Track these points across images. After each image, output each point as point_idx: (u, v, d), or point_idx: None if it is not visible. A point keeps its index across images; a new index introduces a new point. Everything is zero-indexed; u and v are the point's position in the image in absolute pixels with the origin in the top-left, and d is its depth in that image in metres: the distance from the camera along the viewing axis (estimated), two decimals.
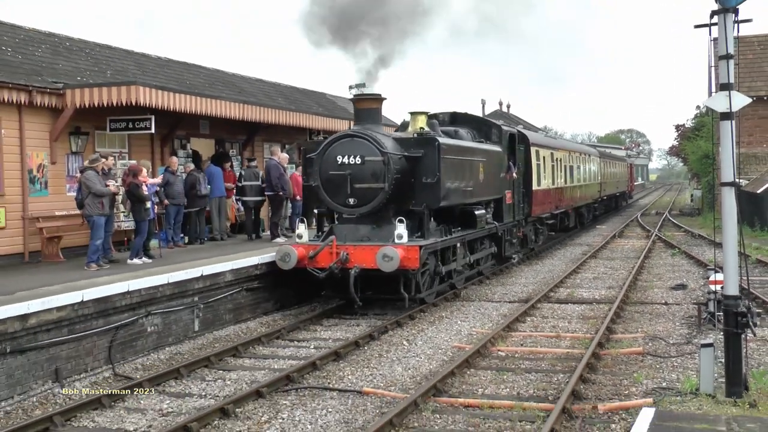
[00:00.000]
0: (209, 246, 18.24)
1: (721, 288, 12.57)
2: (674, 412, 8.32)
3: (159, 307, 12.49)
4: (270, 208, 20.54)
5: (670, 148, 78.83)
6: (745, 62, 31.90)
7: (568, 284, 18.58)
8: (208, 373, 11.05)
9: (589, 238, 31.52)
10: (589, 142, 79.01)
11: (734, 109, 9.01)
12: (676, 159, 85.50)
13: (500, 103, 63.94)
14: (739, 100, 9.09)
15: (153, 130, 17.85)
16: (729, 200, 8.99)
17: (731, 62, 9.08)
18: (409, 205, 15.24)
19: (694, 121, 55.21)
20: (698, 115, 53.90)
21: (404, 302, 14.46)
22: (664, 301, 15.73)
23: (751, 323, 8.93)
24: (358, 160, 14.71)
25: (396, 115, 39.07)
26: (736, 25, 9.19)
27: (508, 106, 65.08)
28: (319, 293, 15.92)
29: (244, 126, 22.23)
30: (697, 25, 10.64)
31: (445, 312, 15.20)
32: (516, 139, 21.71)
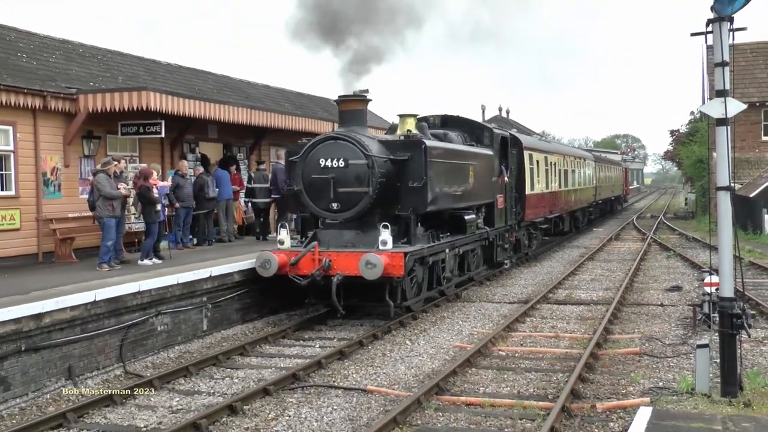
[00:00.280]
0: (217, 247, 18.24)
1: (716, 290, 12.58)
2: (671, 411, 8.31)
3: (169, 306, 12.48)
4: (276, 211, 20.59)
5: (664, 152, 78.92)
6: (738, 69, 31.89)
7: (567, 286, 18.56)
8: (216, 371, 11.04)
9: (586, 240, 31.48)
10: (585, 147, 79.01)
11: (730, 116, 8.98)
12: (671, 163, 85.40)
13: (500, 109, 64.14)
14: (735, 107, 9.07)
15: (163, 134, 17.91)
16: (724, 204, 8.96)
17: (727, 69, 9.04)
18: (395, 210, 14.42)
19: (688, 127, 55.23)
20: (692, 121, 53.93)
21: (389, 310, 13.57)
22: (659, 303, 15.70)
23: (745, 324, 8.92)
24: (342, 164, 13.92)
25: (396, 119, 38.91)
26: (731, 33, 9.15)
27: (508, 112, 65.15)
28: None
29: (252, 130, 22.26)
30: (694, 33, 10.61)
31: (447, 312, 15.18)
32: (508, 143, 20.89)
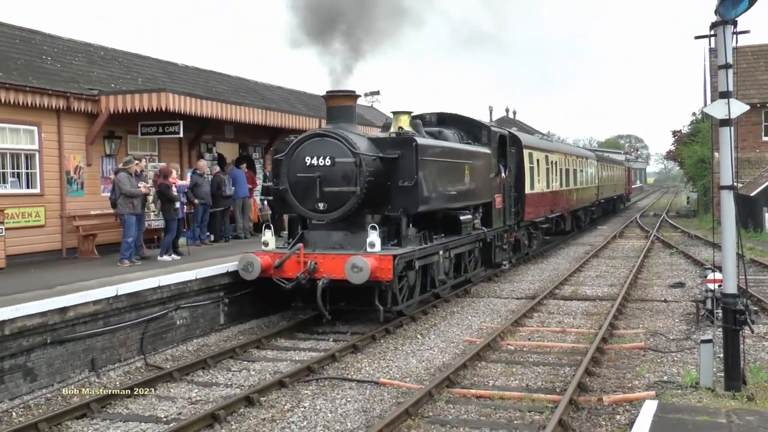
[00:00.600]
0: (233, 244, 18.25)
1: (719, 286, 12.54)
2: (676, 404, 8.27)
3: (187, 301, 12.50)
4: None
5: (667, 152, 78.53)
6: (739, 71, 31.67)
7: (572, 282, 18.50)
8: (233, 363, 11.06)
9: (591, 238, 31.37)
10: (589, 147, 78.73)
11: (733, 117, 8.92)
12: (673, 163, 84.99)
13: (506, 110, 64.15)
14: (738, 108, 9.00)
15: (181, 134, 17.96)
16: (728, 203, 8.91)
17: (730, 71, 8.99)
18: (386, 211, 13.54)
19: (690, 127, 54.91)
20: (694, 122, 53.64)
21: (379, 315, 12.65)
22: (663, 299, 15.63)
23: (748, 320, 8.88)
24: (328, 162, 12.97)
25: None
26: (734, 36, 9.10)
27: (514, 113, 65.07)
28: None
29: (267, 131, 22.30)
30: (698, 36, 10.57)
31: (457, 307, 15.15)
32: (507, 141, 19.86)
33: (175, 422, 8.28)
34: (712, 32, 9.18)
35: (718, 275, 12.65)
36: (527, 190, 21.34)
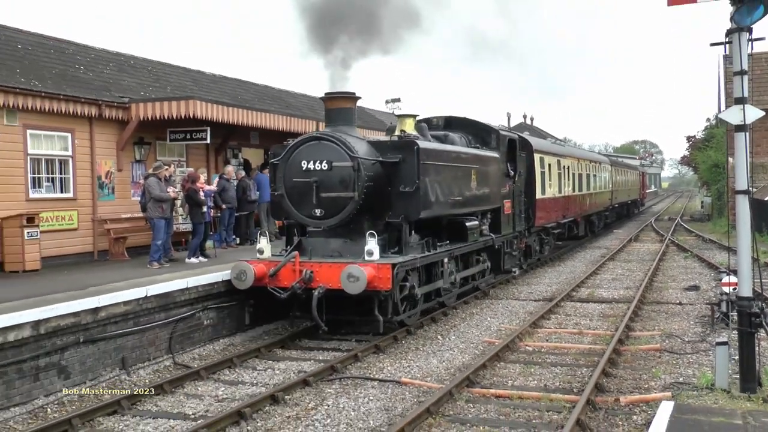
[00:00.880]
0: None
1: (733, 289, 12.41)
2: (692, 405, 8.19)
3: (214, 302, 12.54)
4: None
5: (681, 157, 77.84)
6: (754, 77, 31.28)
7: (589, 284, 18.39)
8: (258, 363, 11.09)
9: (607, 241, 31.18)
10: (605, 152, 78.27)
11: (748, 122, 8.85)
12: (687, 168, 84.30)
13: (524, 116, 64.02)
14: (753, 114, 8.92)
15: (208, 141, 18.08)
16: (743, 207, 8.83)
17: (746, 78, 8.90)
18: (386, 217, 12.67)
19: (704, 133, 54.46)
20: (708, 127, 53.19)
21: (378, 326, 11.67)
22: (678, 301, 15.50)
23: (764, 323, 8.78)
24: (325, 166, 12.17)
25: None
26: (750, 43, 9.02)
27: (532, 119, 64.95)
28: None
29: (291, 137, 22.23)
30: (713, 43, 10.46)
31: (476, 309, 15.11)
32: (517, 145, 18.79)
33: (203, 419, 8.32)
34: (728, 39, 9.11)
35: (733, 278, 12.52)
36: (538, 195, 20.55)
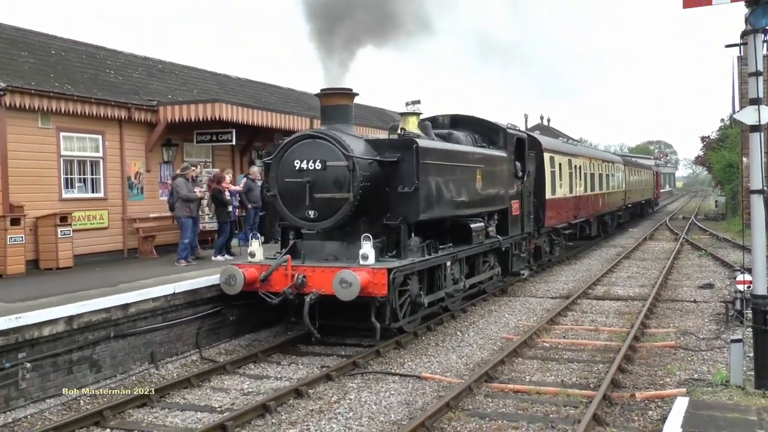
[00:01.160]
0: None
1: (748, 287, 12.30)
2: (707, 401, 8.12)
3: (240, 298, 12.57)
4: None
5: (695, 157, 77.43)
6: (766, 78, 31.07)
7: (605, 282, 18.27)
8: (282, 357, 11.12)
9: (622, 240, 30.97)
10: (620, 152, 77.74)
11: (763, 123, 8.76)
12: (702, 168, 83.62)
13: (541, 117, 63.80)
14: None
15: (234, 142, 18.16)
16: (757, 206, 8.75)
17: (761, 79, 8.81)
18: (384, 219, 11.82)
19: (718, 133, 54.00)
20: (722, 128, 52.71)
21: (375, 334, 10.94)
22: (693, 299, 15.35)
23: None
24: (319, 166, 11.36)
25: None
26: (765, 44, 8.93)
27: (548, 120, 64.67)
28: None
29: None
30: (728, 45, 10.43)
31: (494, 306, 15.06)
32: (525, 144, 17.84)
33: (229, 411, 8.36)
34: (743, 41, 9.03)
35: (748, 277, 12.43)
36: (548, 195, 19.69)
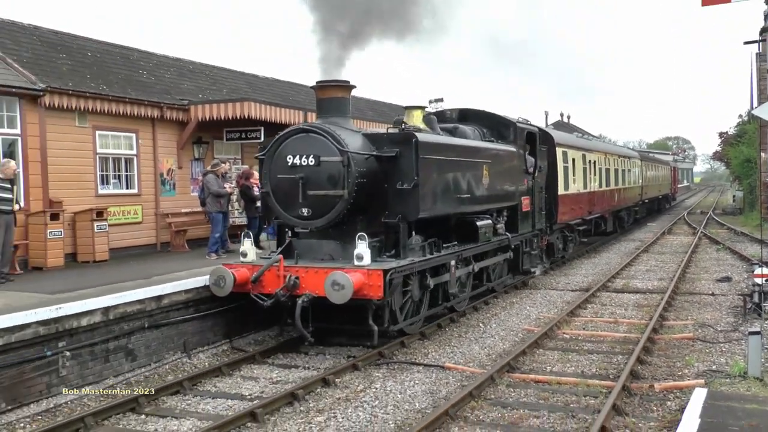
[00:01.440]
0: None
1: (766, 281, 12.18)
2: (725, 392, 8.06)
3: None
4: None
5: (713, 153, 76.29)
6: None
7: (624, 275, 18.15)
8: (310, 348, 11.12)
9: (641, 234, 30.72)
10: (638, 148, 77.03)
11: None
12: (719, 163, 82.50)
13: (561, 114, 63.41)
14: None
15: (262, 139, 18.15)
16: None
17: None
18: (382, 217, 11.02)
19: (736, 129, 53.24)
20: (740, 123, 51.98)
21: (372, 337, 10.17)
22: (711, 292, 15.21)
23: None
24: (312, 161, 10.62)
25: None
26: None
27: (569, 117, 64.24)
28: None
29: None
30: (747, 42, 10.31)
31: (516, 299, 15.03)
32: (537, 139, 16.93)
33: (259, 399, 8.44)
34: (761, 38, 8.93)
35: (765, 270, 12.31)
36: (561, 191, 18.84)
